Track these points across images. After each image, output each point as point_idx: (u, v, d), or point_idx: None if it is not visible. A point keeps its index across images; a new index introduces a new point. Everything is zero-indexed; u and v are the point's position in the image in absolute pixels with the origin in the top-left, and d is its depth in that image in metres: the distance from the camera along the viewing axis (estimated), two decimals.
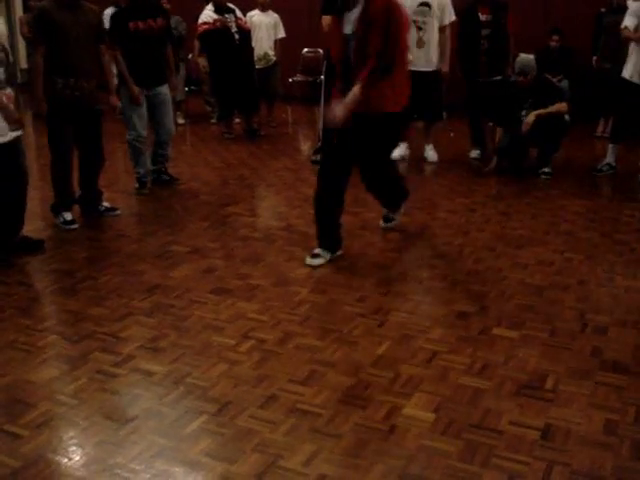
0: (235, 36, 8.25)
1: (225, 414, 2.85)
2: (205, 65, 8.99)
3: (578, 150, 7.45)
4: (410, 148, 7.63)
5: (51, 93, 5.03)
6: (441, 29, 7.07)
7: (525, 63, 6.62)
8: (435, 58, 7.06)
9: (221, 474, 2.50)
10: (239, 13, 8.44)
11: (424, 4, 6.97)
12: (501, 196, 6.12)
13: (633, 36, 6.42)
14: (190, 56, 10.06)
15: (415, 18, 6.95)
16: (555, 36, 8.73)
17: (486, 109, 7.34)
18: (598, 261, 4.56)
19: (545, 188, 6.34)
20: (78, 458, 2.60)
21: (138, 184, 6.29)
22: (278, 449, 2.62)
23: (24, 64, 11.78)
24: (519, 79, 6.62)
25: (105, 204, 5.63)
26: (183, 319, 3.72)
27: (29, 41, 10.53)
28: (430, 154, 7.47)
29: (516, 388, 3.04)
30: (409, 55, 7.02)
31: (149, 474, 2.50)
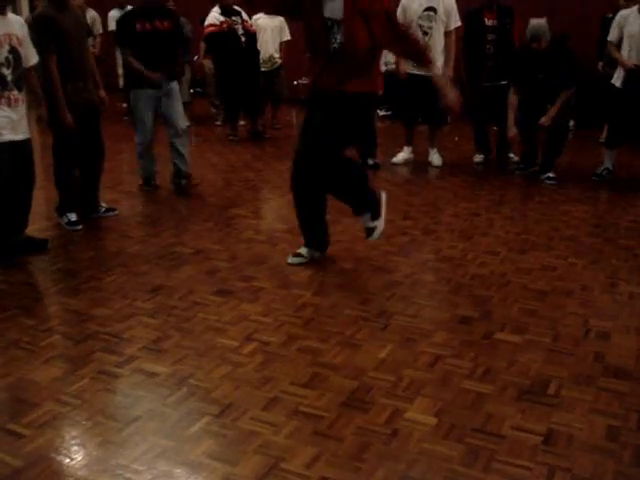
0: (241, 38, 8.28)
1: (227, 416, 2.85)
2: (211, 67, 9.02)
3: (582, 156, 7.45)
4: (414, 152, 7.65)
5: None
6: (446, 34, 7.09)
7: (537, 27, 6.47)
8: (440, 63, 7.07)
9: (223, 476, 2.50)
10: (245, 16, 8.46)
11: (430, 9, 6.99)
12: (505, 201, 6.12)
13: (616, 55, 6.50)
14: (196, 58, 10.09)
15: (421, 23, 6.98)
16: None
17: (490, 114, 7.35)
18: (601, 267, 4.56)
19: (549, 193, 6.33)
20: (80, 458, 2.60)
21: (142, 180, 6.35)
22: (280, 451, 2.63)
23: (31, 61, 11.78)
24: (533, 45, 6.52)
25: (103, 205, 5.64)
26: (186, 320, 3.73)
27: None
28: (434, 158, 7.48)
29: (518, 393, 3.03)
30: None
31: (151, 475, 2.50)
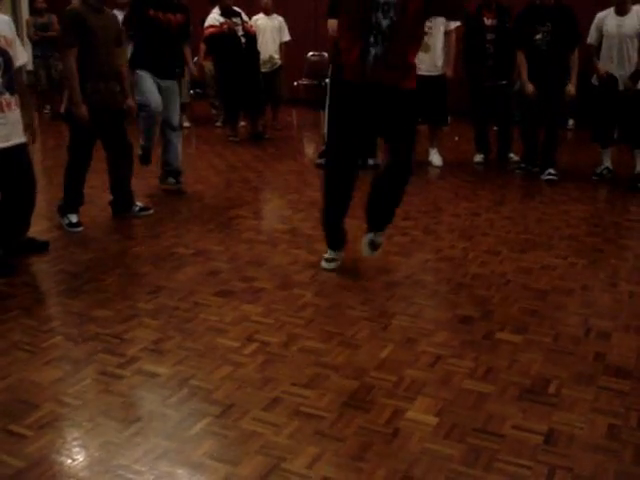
0: (242, 40, 8.29)
1: (229, 416, 2.86)
2: (211, 68, 9.03)
3: (582, 156, 7.46)
4: (415, 152, 7.64)
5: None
6: (446, 33, 7.10)
7: None
8: (440, 62, 7.09)
9: (224, 476, 2.50)
10: (245, 17, 8.48)
11: None
12: (505, 201, 6.12)
13: (594, 59, 6.68)
14: (196, 59, 10.09)
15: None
16: None
17: (491, 114, 7.36)
18: (602, 266, 4.56)
19: (549, 193, 6.34)
20: (81, 459, 2.61)
21: (141, 152, 6.35)
22: (281, 452, 2.63)
23: (30, 66, 11.79)
24: None
25: (138, 204, 5.68)
26: (187, 321, 3.73)
27: (35, 43, 10.60)
28: (435, 158, 7.49)
29: (519, 392, 3.04)
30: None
31: (152, 475, 2.51)
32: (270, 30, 9.09)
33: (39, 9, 10.46)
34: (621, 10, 6.49)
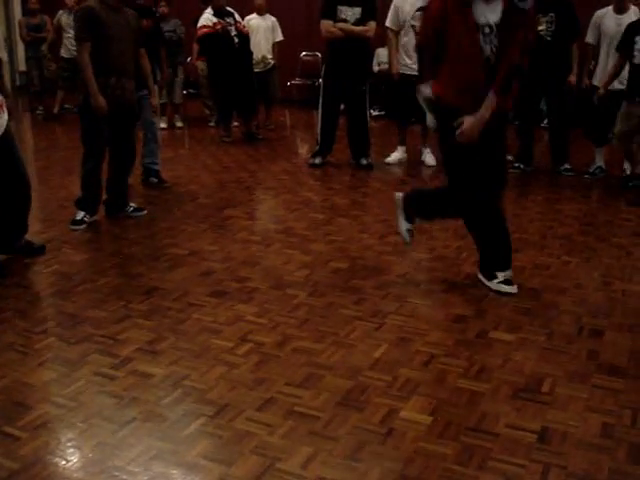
0: (234, 40, 8.30)
1: (223, 417, 2.86)
2: (204, 68, 9.03)
3: (574, 155, 7.45)
4: (408, 152, 7.66)
5: None
6: None
7: None
8: None
9: (219, 477, 2.50)
10: (238, 17, 8.48)
11: (423, 9, 6.99)
12: None
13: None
14: (189, 59, 10.09)
15: (413, 23, 6.98)
16: None
17: None
18: (595, 265, 4.57)
19: (542, 192, 6.36)
20: (76, 460, 2.60)
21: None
22: (276, 452, 2.63)
23: (22, 67, 11.81)
24: None
25: (132, 204, 5.69)
26: (181, 322, 3.73)
27: (28, 44, 10.58)
28: (428, 158, 7.49)
29: (513, 391, 3.05)
30: (407, 59, 7.13)
31: (147, 476, 2.51)
32: (263, 30, 9.10)
33: (32, 10, 10.45)
34: (620, 8, 6.51)
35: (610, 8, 6.61)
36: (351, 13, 7.03)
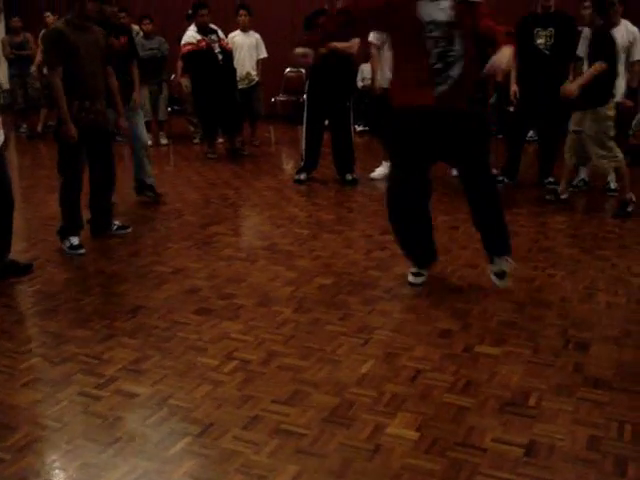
0: (218, 57, 8.33)
1: (209, 435, 2.84)
2: (188, 85, 9.03)
3: (557, 167, 7.49)
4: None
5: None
6: None
7: None
8: None
9: None
10: (221, 34, 8.51)
11: None
12: None
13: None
14: (173, 76, 10.10)
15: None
16: None
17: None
18: (580, 277, 4.59)
19: (527, 205, 6.38)
20: None
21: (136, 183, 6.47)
22: (262, 470, 2.61)
23: (6, 85, 11.77)
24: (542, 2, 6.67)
25: (116, 222, 5.64)
26: (166, 340, 3.71)
27: (11, 62, 10.56)
28: None
29: (499, 405, 3.04)
30: (390, 74, 7.14)
31: None
32: (247, 47, 9.11)
33: (15, 28, 10.44)
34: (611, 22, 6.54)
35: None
36: None
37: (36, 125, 10.43)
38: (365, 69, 10.02)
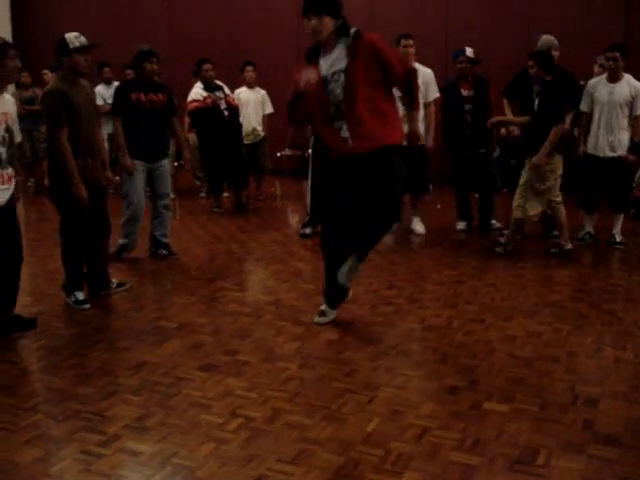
0: (224, 113, 8.46)
1: None
2: (195, 140, 9.13)
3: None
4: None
5: None
6: (426, 105, 7.21)
7: (542, 41, 6.70)
8: (421, 131, 7.17)
9: None
10: (227, 90, 8.64)
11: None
12: (488, 268, 6.14)
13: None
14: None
15: (400, 95, 7.08)
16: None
17: (471, 182, 7.46)
18: (587, 332, 4.56)
19: (532, 259, 6.37)
20: None
21: (117, 249, 6.35)
22: None
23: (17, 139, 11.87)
24: (530, 67, 6.69)
25: (114, 280, 5.55)
26: (170, 397, 3.67)
27: (20, 117, 10.67)
28: (417, 226, 7.52)
29: (508, 464, 3.00)
30: None
31: None
32: (253, 103, 9.24)
33: (24, 83, 10.59)
34: (613, 77, 6.63)
35: (604, 77, 6.73)
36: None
37: (43, 179, 10.50)
38: None
